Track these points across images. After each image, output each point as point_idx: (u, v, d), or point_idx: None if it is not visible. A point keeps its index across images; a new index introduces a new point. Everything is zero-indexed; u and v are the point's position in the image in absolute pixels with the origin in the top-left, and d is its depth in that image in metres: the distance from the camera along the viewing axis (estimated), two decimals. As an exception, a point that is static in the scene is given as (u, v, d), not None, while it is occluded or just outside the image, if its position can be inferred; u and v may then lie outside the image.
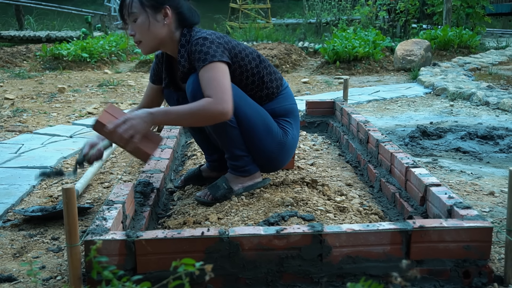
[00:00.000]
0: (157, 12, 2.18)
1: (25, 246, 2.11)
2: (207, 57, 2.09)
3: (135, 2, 2.17)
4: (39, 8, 13.20)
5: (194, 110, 2.04)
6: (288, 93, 2.44)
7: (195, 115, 2.04)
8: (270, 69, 2.36)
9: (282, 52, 8.31)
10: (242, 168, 2.33)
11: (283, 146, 2.35)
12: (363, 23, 10.86)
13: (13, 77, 7.16)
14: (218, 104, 2.03)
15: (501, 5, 13.67)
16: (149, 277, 1.60)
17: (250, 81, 2.28)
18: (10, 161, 3.32)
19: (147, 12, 2.17)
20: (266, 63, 2.35)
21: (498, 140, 3.67)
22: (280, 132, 2.35)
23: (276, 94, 2.37)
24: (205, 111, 2.03)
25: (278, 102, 2.38)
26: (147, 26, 2.18)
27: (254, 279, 1.67)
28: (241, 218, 2.12)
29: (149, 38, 2.21)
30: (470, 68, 7.26)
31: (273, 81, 2.35)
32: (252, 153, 2.33)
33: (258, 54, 2.33)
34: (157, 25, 2.19)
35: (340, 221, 2.08)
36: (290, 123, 2.40)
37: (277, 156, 2.36)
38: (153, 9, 2.17)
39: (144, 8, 2.17)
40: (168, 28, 2.21)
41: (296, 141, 2.45)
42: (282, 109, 2.38)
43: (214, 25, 13.07)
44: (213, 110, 2.03)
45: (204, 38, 2.13)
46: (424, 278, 1.70)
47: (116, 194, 1.97)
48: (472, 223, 1.71)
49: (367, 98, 5.60)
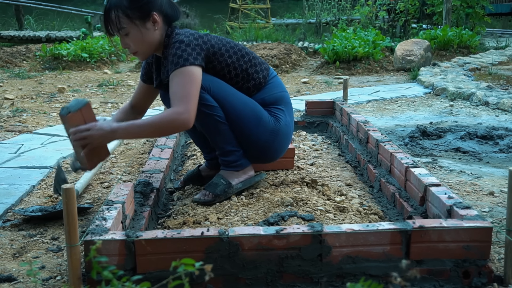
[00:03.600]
0: (146, 21, 2.18)
1: (25, 246, 2.11)
2: (179, 61, 2.11)
3: (122, 17, 2.15)
4: (39, 8, 13.19)
5: (154, 123, 2.08)
6: (277, 81, 2.45)
7: (156, 128, 2.10)
8: (255, 61, 2.36)
9: (282, 52, 8.31)
10: (234, 163, 2.36)
11: (277, 133, 2.36)
12: (363, 23, 10.86)
13: (12, 77, 7.16)
14: (179, 114, 2.06)
15: (501, 5, 13.66)
16: (149, 277, 1.60)
17: (234, 74, 2.30)
18: (10, 161, 3.32)
19: (137, 24, 2.16)
20: (250, 56, 2.35)
21: (498, 140, 3.68)
22: (272, 120, 2.36)
23: (264, 83, 2.38)
24: (165, 121, 2.08)
25: (267, 91, 2.39)
26: (140, 38, 2.19)
27: (254, 279, 1.67)
28: (241, 218, 2.12)
29: (145, 47, 2.22)
30: (470, 68, 7.25)
31: (258, 72, 2.37)
32: (247, 145, 2.34)
33: (240, 48, 2.34)
34: (149, 34, 2.19)
35: (340, 221, 2.08)
36: (282, 110, 2.41)
37: (272, 145, 2.37)
38: (141, 20, 2.17)
39: (133, 21, 2.16)
40: (159, 31, 2.22)
41: (290, 129, 2.45)
42: (272, 97, 2.40)
43: (214, 25, 13.06)
44: (174, 119, 2.06)
45: (180, 41, 2.15)
46: (424, 278, 1.70)
47: (116, 194, 1.97)
48: (472, 223, 1.71)
49: (366, 98, 5.60)
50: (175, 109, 2.07)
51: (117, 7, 2.15)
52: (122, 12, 2.15)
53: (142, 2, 2.16)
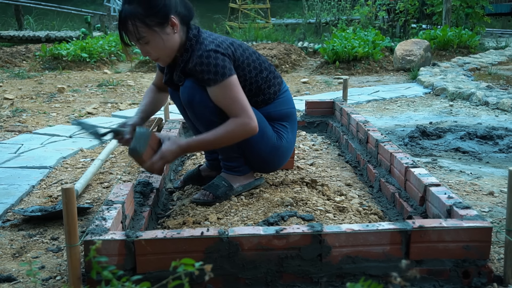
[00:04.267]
0: (165, 26, 2.11)
1: (25, 246, 2.11)
2: (220, 73, 2.10)
3: (140, 26, 2.07)
4: (38, 8, 13.19)
5: (226, 136, 2.15)
6: (287, 97, 2.44)
7: (228, 140, 2.19)
8: (271, 76, 2.35)
9: (282, 52, 8.31)
10: (236, 168, 2.38)
11: (277, 150, 2.37)
12: (363, 23, 10.86)
13: (12, 77, 7.16)
14: (246, 125, 2.14)
15: (501, 5, 13.66)
16: (149, 277, 1.60)
17: (247, 89, 2.28)
18: (10, 161, 3.32)
19: (157, 31, 2.10)
20: (267, 71, 2.34)
21: (498, 140, 3.68)
22: (275, 136, 2.36)
23: (273, 99, 2.38)
24: (235, 133, 2.15)
25: (275, 107, 2.39)
26: (162, 44, 2.13)
27: (254, 279, 1.67)
28: (241, 218, 2.12)
29: (167, 53, 2.17)
30: (469, 68, 7.25)
31: (270, 87, 2.36)
32: (247, 155, 2.36)
33: (261, 61, 2.32)
34: (170, 38, 2.14)
35: (340, 221, 2.09)
36: (286, 127, 2.42)
37: (271, 159, 2.39)
38: (160, 26, 2.10)
39: (152, 29, 2.09)
40: (179, 34, 2.17)
41: (292, 145, 2.47)
42: (278, 113, 2.39)
43: (213, 25, 13.06)
44: (243, 130, 2.15)
45: (215, 51, 2.12)
46: (423, 278, 1.70)
47: (116, 194, 1.97)
48: (472, 223, 1.71)
49: (366, 98, 5.60)
50: (240, 120, 2.13)
51: (134, 16, 2.06)
52: (140, 21, 2.06)
53: (159, 7, 2.08)
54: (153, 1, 2.07)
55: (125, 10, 2.08)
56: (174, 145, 2.18)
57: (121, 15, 2.09)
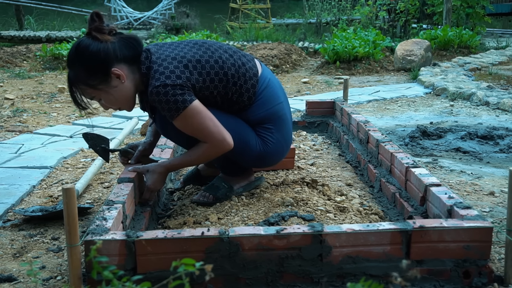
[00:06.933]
0: (109, 81, 2.04)
1: (25, 246, 2.11)
2: (173, 108, 2.00)
3: (85, 89, 2.06)
4: (39, 8, 13.21)
5: (200, 155, 2.18)
6: (266, 96, 2.25)
7: (203, 158, 2.22)
8: (241, 82, 2.16)
9: (282, 52, 8.30)
10: (233, 171, 2.39)
11: (264, 157, 2.27)
12: (363, 23, 10.85)
13: (13, 77, 7.16)
14: (217, 147, 2.12)
15: (501, 5, 13.65)
16: (149, 277, 1.60)
17: (220, 101, 2.16)
18: (10, 161, 3.32)
19: (102, 88, 2.05)
20: (235, 78, 2.14)
21: (498, 140, 3.67)
22: (259, 142, 2.24)
23: (249, 105, 2.22)
24: (210, 153, 2.16)
25: (252, 112, 2.23)
26: (113, 98, 2.09)
27: (254, 279, 1.67)
28: (241, 218, 2.12)
29: (123, 101, 2.13)
30: (470, 68, 7.25)
31: (243, 94, 2.18)
32: (238, 161, 2.33)
33: (226, 70, 2.12)
34: (120, 89, 2.06)
35: (340, 221, 2.09)
36: (270, 129, 2.26)
37: (262, 163, 2.37)
38: (104, 83, 2.04)
39: (97, 88, 2.05)
40: (130, 78, 2.08)
41: (283, 143, 2.31)
42: (258, 117, 2.24)
43: (214, 25, 13.06)
44: (215, 151, 2.15)
45: (163, 85, 1.98)
46: (424, 278, 1.70)
47: (116, 194, 1.97)
48: (472, 223, 1.71)
49: (367, 98, 5.60)
50: (210, 144, 2.12)
51: (77, 81, 2.05)
52: (83, 84, 2.04)
53: (96, 67, 2.01)
54: (89, 62, 2.01)
55: (69, 76, 2.08)
56: (157, 169, 2.22)
57: (68, 81, 2.09)
